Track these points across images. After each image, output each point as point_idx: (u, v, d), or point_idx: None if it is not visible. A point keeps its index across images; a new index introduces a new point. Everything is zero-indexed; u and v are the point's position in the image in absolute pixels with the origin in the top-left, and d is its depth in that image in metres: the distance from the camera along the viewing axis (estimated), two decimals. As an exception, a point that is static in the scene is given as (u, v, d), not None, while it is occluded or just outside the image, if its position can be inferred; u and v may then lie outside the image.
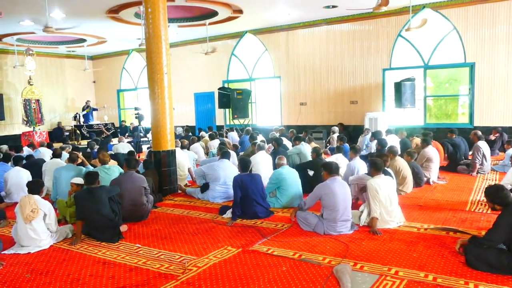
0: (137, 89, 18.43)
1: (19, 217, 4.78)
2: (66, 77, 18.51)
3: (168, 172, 7.44)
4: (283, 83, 14.43)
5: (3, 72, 16.28)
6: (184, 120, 16.19)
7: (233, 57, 15.35)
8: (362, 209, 5.32)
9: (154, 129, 7.44)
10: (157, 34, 7.10)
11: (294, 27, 13.76)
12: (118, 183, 5.74)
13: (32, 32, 13.26)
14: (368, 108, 12.74)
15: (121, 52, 18.16)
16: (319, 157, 7.29)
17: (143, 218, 5.90)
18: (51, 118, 17.47)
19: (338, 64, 13.25)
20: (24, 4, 10.00)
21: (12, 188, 7.24)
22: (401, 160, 6.97)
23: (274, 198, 6.28)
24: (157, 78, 7.18)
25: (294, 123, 14.06)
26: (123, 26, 12.68)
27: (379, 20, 12.35)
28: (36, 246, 4.79)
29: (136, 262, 4.33)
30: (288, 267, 4.03)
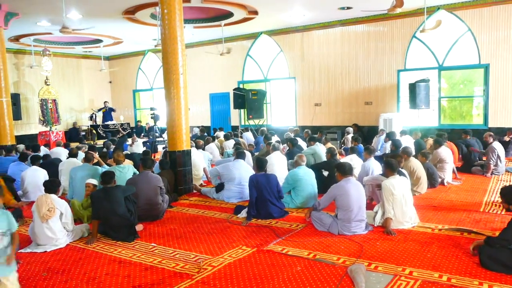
0: (152, 90, 18.59)
1: (35, 216, 4.84)
2: (83, 77, 18.77)
3: (184, 172, 7.48)
4: (298, 83, 14.41)
5: (20, 72, 16.59)
6: (200, 120, 16.28)
7: (248, 58, 15.38)
8: (377, 210, 5.29)
9: (170, 129, 7.49)
10: (173, 35, 7.15)
11: (309, 28, 13.73)
12: (133, 182, 5.80)
13: (49, 33, 13.48)
14: (383, 109, 12.64)
15: (137, 52, 18.34)
16: (334, 158, 7.26)
17: (159, 218, 5.94)
18: (67, 118, 17.72)
19: (352, 65, 13.18)
20: (41, 5, 10.17)
21: (29, 187, 7.36)
22: (415, 160, 6.90)
23: (289, 198, 6.28)
24: (173, 78, 7.24)
25: (308, 124, 14.02)
26: (139, 27, 12.80)
27: (393, 22, 12.26)
28: (53, 245, 4.85)
29: (151, 261, 4.36)
30: (302, 267, 4.02)
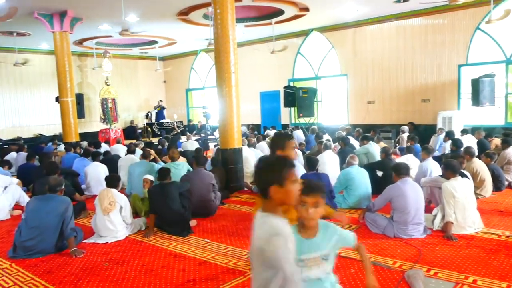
0: (204, 88, 18.97)
1: (98, 209, 5.11)
2: (139, 77, 19.54)
3: (235, 170, 7.57)
4: (350, 81, 14.10)
5: (84, 74, 17.56)
6: (250, 118, 16.41)
7: (299, 56, 15.27)
8: (436, 213, 5.05)
9: (222, 127, 7.60)
10: (225, 34, 7.25)
11: (362, 24, 13.38)
12: (187, 179, 5.94)
13: (109, 36, 14.15)
14: (441, 106, 12.04)
15: (190, 52, 18.79)
16: (389, 158, 7.03)
17: (211, 214, 6.05)
18: (125, 117, 18.52)
19: (408, 60, 12.67)
20: (103, 10, 10.69)
21: (91, 182, 7.75)
22: (478, 162, 6.52)
23: (342, 198, 6.16)
24: (225, 77, 7.33)
25: (361, 122, 13.68)
26: (192, 27, 13.10)
27: (455, 13, 11.61)
28: (113, 236, 5.09)
29: (205, 256, 4.45)
30: (356, 269, 3.92)
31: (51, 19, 10.81)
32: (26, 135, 15.75)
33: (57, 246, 4.69)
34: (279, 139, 3.27)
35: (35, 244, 4.57)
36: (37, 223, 4.59)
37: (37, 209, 4.66)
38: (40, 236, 4.59)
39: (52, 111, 15.75)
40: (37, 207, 4.67)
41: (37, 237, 4.58)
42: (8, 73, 15.48)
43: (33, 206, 4.71)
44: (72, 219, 4.76)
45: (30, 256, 4.56)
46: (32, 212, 4.65)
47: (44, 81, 16.23)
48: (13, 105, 15.70)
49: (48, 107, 16.02)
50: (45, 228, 4.60)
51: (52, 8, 10.43)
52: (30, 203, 4.79)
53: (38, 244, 4.58)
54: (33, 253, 4.58)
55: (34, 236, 4.57)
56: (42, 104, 16.23)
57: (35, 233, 4.58)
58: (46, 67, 16.05)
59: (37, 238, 4.58)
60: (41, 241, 4.59)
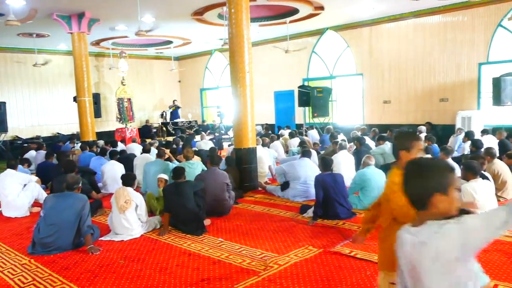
0: (218, 88, 19.02)
1: (114, 207, 5.17)
2: (154, 77, 19.71)
3: (249, 169, 7.56)
4: (366, 80, 13.95)
5: (100, 74, 17.79)
6: (264, 118, 16.39)
7: (314, 55, 15.19)
8: (454, 215, 4.94)
9: (236, 126, 7.60)
10: (240, 34, 7.24)
11: (378, 22, 13.22)
12: (202, 178, 5.96)
13: (125, 36, 14.29)
14: (460, 106, 11.82)
15: (204, 52, 18.86)
16: (405, 158, 6.91)
17: (225, 213, 6.05)
18: (140, 116, 18.70)
19: (426, 59, 12.47)
20: (119, 11, 10.80)
21: (108, 180, 7.84)
22: (500, 163, 6.36)
23: (357, 199, 6.10)
24: (239, 77, 7.33)
25: (377, 122, 13.52)
26: (207, 27, 13.14)
27: (475, 10, 11.35)
28: (129, 234, 5.14)
29: (219, 255, 4.45)
30: (372, 271, 3.86)
31: (69, 20, 10.97)
32: (45, 134, 16.04)
33: (74, 243, 4.76)
34: (405, 138, 2.73)
35: (53, 240, 4.65)
36: (55, 220, 4.66)
37: (55, 206, 4.73)
38: (58, 233, 4.66)
39: (69, 111, 15.99)
40: (55, 205, 4.75)
41: (55, 234, 4.65)
42: (28, 74, 15.78)
43: (51, 203, 4.78)
44: (89, 217, 4.82)
45: (49, 252, 4.65)
46: (51, 210, 4.73)
47: (62, 81, 16.50)
48: (33, 105, 15.99)
49: (66, 106, 16.27)
50: (63, 225, 4.67)
51: (70, 10, 10.58)
52: (48, 201, 4.86)
53: (56, 240, 4.65)
54: (51, 249, 4.66)
55: (52, 233, 4.65)
56: (60, 103, 16.50)
57: (53, 230, 4.65)
58: (64, 67, 16.33)
59: (55, 235, 4.65)
60: (59, 238, 4.66)
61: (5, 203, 6.59)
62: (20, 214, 6.53)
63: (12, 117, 14.94)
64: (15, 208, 6.54)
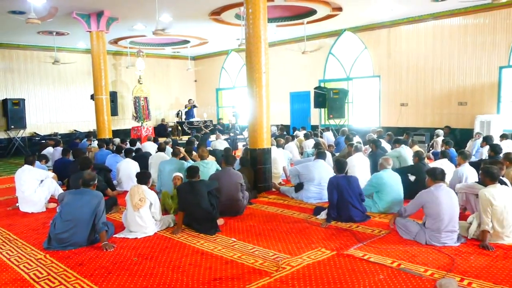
0: (234, 88, 19.05)
1: (128, 204, 5.21)
2: (171, 76, 19.84)
3: (263, 170, 7.55)
4: (383, 82, 13.81)
5: (118, 72, 17.99)
6: (279, 119, 16.36)
7: (331, 56, 15.09)
8: (471, 221, 4.85)
9: (251, 127, 7.59)
10: (257, 34, 7.23)
11: (397, 23, 13.07)
12: (216, 178, 5.97)
13: (143, 35, 14.43)
14: (480, 110, 11.60)
15: (221, 52, 18.92)
16: (422, 162, 6.83)
17: (239, 213, 6.05)
18: (156, 115, 18.84)
19: (445, 62, 12.28)
20: (138, 10, 10.91)
21: (123, 178, 7.93)
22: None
23: (372, 202, 6.03)
24: (256, 77, 7.32)
25: (393, 125, 13.38)
26: (224, 27, 13.18)
27: (497, 12, 11.12)
28: (143, 232, 5.18)
29: (231, 255, 4.45)
30: (385, 275, 3.82)
31: (88, 19, 11.12)
32: (62, 131, 16.31)
33: (89, 240, 4.82)
34: None
35: (68, 236, 4.71)
36: (71, 217, 4.72)
37: (71, 203, 4.79)
38: (74, 229, 4.72)
39: (87, 108, 16.22)
40: (71, 201, 4.81)
41: (70, 230, 4.71)
42: (47, 71, 16.05)
43: (68, 200, 4.85)
44: (104, 214, 4.87)
45: (64, 248, 4.71)
46: (67, 206, 4.79)
47: (80, 79, 16.74)
48: (51, 102, 16.26)
49: (83, 104, 16.51)
50: (79, 221, 4.73)
51: (89, 8, 10.73)
52: (65, 197, 4.92)
53: (71, 236, 4.71)
54: (66, 245, 4.72)
55: (68, 229, 4.71)
56: (78, 101, 16.74)
57: (69, 226, 4.71)
58: (83, 65, 16.56)
59: (71, 231, 4.71)
60: (74, 234, 4.72)
61: (22, 198, 6.70)
62: (36, 210, 6.64)
63: (30, 113, 15.25)
64: (31, 203, 6.65)
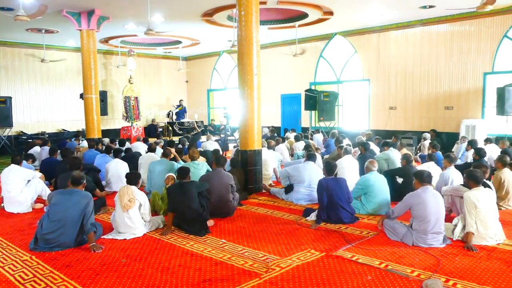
0: (226, 89, 19.07)
1: (117, 205, 5.17)
2: (162, 76, 19.79)
3: (254, 171, 7.58)
4: (372, 86, 13.96)
5: (108, 71, 17.89)
6: (270, 121, 16.43)
7: (321, 59, 15.21)
8: (456, 222, 4.95)
9: (242, 128, 7.61)
10: (249, 36, 7.27)
11: (386, 29, 13.24)
12: (207, 179, 5.97)
13: (134, 35, 14.37)
14: (465, 114, 11.82)
15: (213, 53, 18.93)
16: (409, 165, 6.93)
17: (229, 215, 6.07)
18: (146, 115, 18.77)
19: (432, 67, 12.48)
20: (130, 9, 10.88)
21: (112, 179, 7.86)
22: (508, 172, 6.33)
23: (360, 204, 6.10)
24: (247, 79, 7.35)
25: (382, 128, 13.53)
26: (216, 29, 13.20)
27: (482, 20, 11.38)
28: (131, 233, 5.14)
29: (221, 256, 4.47)
30: (373, 276, 3.88)
31: (79, 17, 11.05)
32: (50, 130, 16.16)
33: (77, 240, 4.77)
34: None
35: (56, 237, 4.65)
36: (59, 217, 4.66)
37: (59, 202, 4.74)
38: (61, 230, 4.67)
39: (76, 107, 16.11)
40: (60, 201, 4.75)
41: (58, 230, 4.66)
42: (35, 69, 15.89)
43: (56, 199, 4.79)
44: (92, 214, 4.83)
45: (51, 249, 4.65)
46: (55, 206, 4.74)
47: (70, 78, 16.61)
48: (39, 101, 16.10)
49: (72, 103, 16.39)
50: (67, 221, 4.68)
51: (80, 7, 10.67)
52: (53, 197, 4.88)
53: (58, 237, 4.66)
54: (53, 246, 4.66)
55: (55, 229, 4.65)
56: (67, 100, 16.60)
57: (57, 226, 4.66)
58: (72, 64, 16.44)
59: (58, 232, 4.66)
60: (62, 234, 4.67)
61: (8, 198, 6.57)
62: (22, 210, 6.53)
63: (17, 112, 15.07)
64: (17, 204, 6.54)
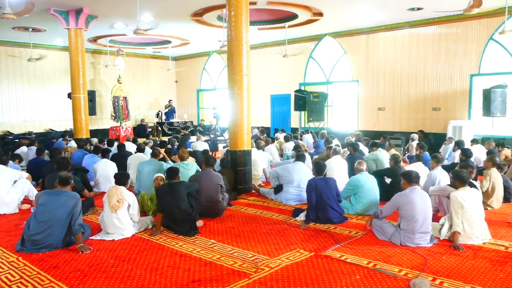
0: (215, 89, 19.03)
1: (106, 206, 5.13)
2: (151, 76, 19.67)
3: (244, 172, 7.58)
4: (361, 87, 14.06)
5: (96, 71, 17.73)
6: (260, 121, 16.44)
7: (311, 60, 15.27)
8: (443, 222, 5.02)
9: (232, 129, 7.61)
10: (238, 36, 7.28)
11: (375, 30, 13.35)
12: (196, 179, 5.96)
13: (123, 34, 14.27)
14: (452, 115, 11.97)
15: (202, 53, 18.88)
16: (398, 165, 7.00)
17: (218, 215, 6.07)
18: (135, 115, 18.65)
19: (420, 68, 12.62)
20: (119, 8, 10.79)
21: (100, 179, 7.79)
22: (496, 172, 6.43)
23: (349, 204, 6.15)
24: (237, 79, 7.36)
25: (370, 129, 13.64)
26: (206, 29, 13.17)
27: (469, 23, 11.54)
28: (120, 234, 5.11)
29: (210, 257, 4.46)
30: (361, 275, 3.91)
31: (67, 16, 10.93)
32: (37, 130, 15.95)
33: (65, 241, 4.72)
34: None
35: (43, 238, 4.61)
36: (47, 217, 4.62)
37: (47, 203, 4.69)
38: (49, 230, 4.62)
39: (64, 107, 15.92)
40: (47, 201, 4.70)
41: (45, 231, 4.61)
42: (22, 68, 15.68)
43: (43, 200, 4.74)
44: (80, 215, 4.79)
45: (38, 250, 4.60)
46: (42, 206, 4.68)
47: (57, 77, 16.42)
48: (26, 100, 15.88)
49: (60, 103, 16.19)
50: (54, 222, 4.63)
51: (68, 5, 10.55)
52: (40, 198, 4.82)
53: (46, 238, 4.61)
54: (40, 247, 4.61)
55: (42, 230, 4.61)
56: (54, 99, 16.41)
57: (44, 227, 4.61)
58: (60, 63, 16.26)
59: (46, 232, 4.61)
60: (49, 235, 4.62)
61: (-6, 199, 6.48)
62: (9, 211, 6.44)
63: (3, 111, 14.88)
64: (4, 204, 6.43)
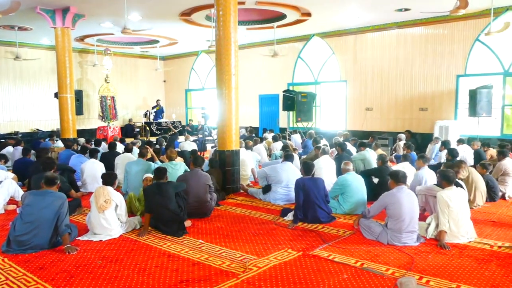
0: (204, 89, 18.98)
1: (93, 206, 5.09)
2: (139, 76, 19.54)
3: (232, 172, 7.58)
4: (349, 87, 14.15)
5: (84, 70, 17.55)
6: (249, 121, 16.44)
7: (299, 60, 15.32)
8: (429, 221, 5.08)
9: (220, 129, 7.61)
10: (227, 36, 7.27)
11: (363, 31, 13.45)
12: (184, 179, 5.95)
13: (111, 33, 14.15)
14: (439, 115, 12.12)
15: (191, 53, 18.82)
16: (385, 165, 7.06)
17: (207, 215, 6.05)
18: (123, 115, 18.50)
19: (408, 69, 12.75)
20: (106, 7, 10.70)
21: (87, 179, 7.73)
22: (475, 172, 6.54)
23: (337, 204, 6.19)
24: (225, 79, 7.35)
25: (359, 129, 13.74)
26: (194, 28, 13.13)
27: (455, 24, 11.70)
28: (107, 234, 5.07)
29: (199, 257, 4.46)
30: (349, 275, 3.94)
31: (53, 14, 10.80)
32: (23, 129, 15.74)
33: (51, 242, 4.67)
34: None
35: (29, 239, 4.55)
36: (33, 218, 4.56)
37: (33, 203, 4.63)
38: (35, 231, 4.57)
39: (50, 107, 15.73)
40: (33, 202, 4.65)
41: (31, 232, 4.56)
42: (8, 67, 15.46)
43: (29, 200, 4.68)
44: (67, 216, 4.74)
45: (24, 251, 4.54)
46: (28, 207, 4.63)
47: (44, 77, 16.23)
48: (12, 100, 15.66)
49: (47, 102, 16.00)
50: (40, 223, 4.58)
51: (55, 4, 10.43)
52: (26, 198, 4.76)
53: (32, 239, 4.56)
54: (26, 248, 4.56)
55: (28, 231, 4.55)
56: (41, 99, 16.21)
57: (30, 228, 4.56)
58: (46, 62, 16.06)
59: (32, 233, 4.56)
60: (36, 236, 4.57)
61: (-21, 200, 6.38)
62: (-6, 211, 6.37)
63: (-11, 111, 14.63)
64: (-11, 205, 6.37)
